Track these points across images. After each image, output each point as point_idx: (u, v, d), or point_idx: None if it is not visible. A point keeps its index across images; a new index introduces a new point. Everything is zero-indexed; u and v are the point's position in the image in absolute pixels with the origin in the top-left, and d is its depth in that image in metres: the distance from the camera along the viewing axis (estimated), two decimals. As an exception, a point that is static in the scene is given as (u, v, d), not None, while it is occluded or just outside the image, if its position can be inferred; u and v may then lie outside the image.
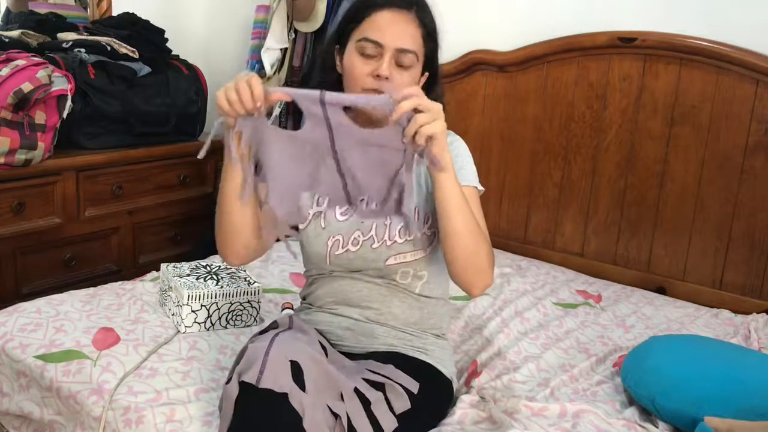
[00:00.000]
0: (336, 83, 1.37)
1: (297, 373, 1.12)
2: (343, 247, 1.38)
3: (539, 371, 1.62)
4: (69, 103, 2.17)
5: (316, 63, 1.43)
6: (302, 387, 1.11)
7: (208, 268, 1.76)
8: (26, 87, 2.01)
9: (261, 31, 2.87)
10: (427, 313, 1.43)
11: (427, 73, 1.38)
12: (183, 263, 1.78)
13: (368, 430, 1.17)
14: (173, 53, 2.68)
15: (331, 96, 1.13)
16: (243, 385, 1.11)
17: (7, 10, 2.71)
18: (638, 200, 2.25)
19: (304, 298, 1.52)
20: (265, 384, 1.10)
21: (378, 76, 1.28)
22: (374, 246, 1.36)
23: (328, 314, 1.43)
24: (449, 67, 2.51)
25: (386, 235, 1.36)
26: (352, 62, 1.32)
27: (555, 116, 2.37)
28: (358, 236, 1.37)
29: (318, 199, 1.43)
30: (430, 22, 1.34)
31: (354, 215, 1.38)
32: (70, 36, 2.43)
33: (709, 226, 2.14)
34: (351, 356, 1.35)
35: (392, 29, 1.30)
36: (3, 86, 2.01)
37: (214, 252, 2.12)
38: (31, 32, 2.47)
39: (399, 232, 1.36)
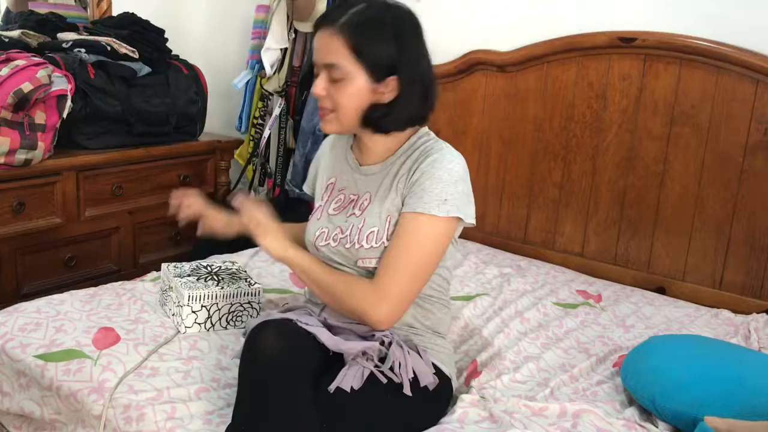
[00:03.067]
0: None
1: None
2: (325, 240, 1.45)
3: (539, 371, 1.62)
4: (69, 103, 2.17)
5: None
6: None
7: (209, 268, 1.76)
8: (26, 87, 2.01)
9: (261, 31, 2.87)
10: (420, 313, 1.43)
11: (393, 77, 1.35)
12: (183, 263, 1.78)
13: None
14: (173, 53, 2.68)
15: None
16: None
17: (7, 10, 2.71)
18: (638, 200, 2.25)
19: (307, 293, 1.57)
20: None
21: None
22: (347, 246, 1.41)
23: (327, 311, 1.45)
24: (449, 67, 2.51)
25: (356, 238, 1.39)
26: None
27: (555, 116, 2.37)
28: (338, 234, 1.43)
29: (322, 194, 1.52)
30: (362, 28, 1.32)
31: (342, 212, 1.44)
32: (70, 36, 2.43)
33: (709, 226, 2.14)
34: None
35: (318, 48, 1.36)
36: (3, 86, 2.01)
37: (214, 252, 2.14)
38: (31, 32, 2.47)
39: (366, 237, 1.38)
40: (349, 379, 1.24)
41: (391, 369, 1.29)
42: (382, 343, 1.31)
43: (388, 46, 1.34)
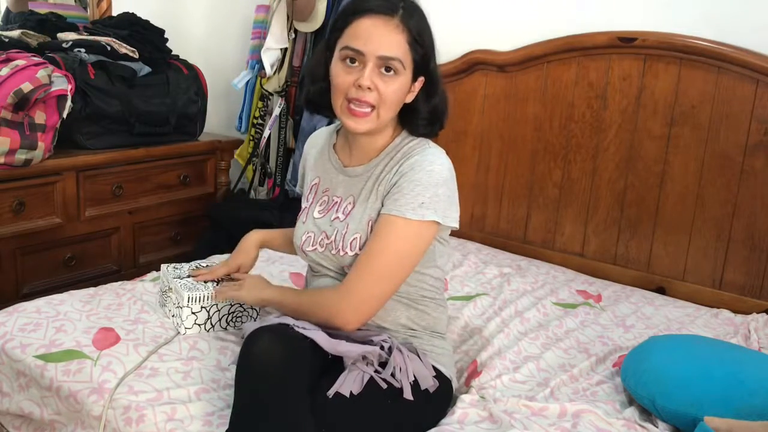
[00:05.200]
0: (325, 92, 1.37)
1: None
2: (312, 245, 1.43)
3: (539, 371, 1.62)
4: (69, 103, 2.16)
5: (306, 73, 1.46)
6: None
7: (208, 268, 1.76)
8: (26, 87, 2.01)
9: (261, 31, 2.87)
10: (416, 314, 1.42)
11: (422, 78, 1.36)
12: (183, 264, 1.78)
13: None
14: (173, 53, 2.68)
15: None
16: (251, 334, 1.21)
17: (7, 10, 2.71)
18: (638, 200, 2.25)
19: None
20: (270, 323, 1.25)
21: (360, 86, 1.29)
22: (333, 252, 1.39)
23: None
24: (449, 67, 2.51)
25: (341, 245, 1.37)
26: (336, 71, 1.33)
27: (555, 116, 2.37)
28: (323, 239, 1.41)
29: (307, 195, 1.50)
30: (417, 26, 1.31)
31: (326, 215, 1.42)
32: (70, 36, 2.43)
33: (709, 226, 2.14)
34: None
35: (373, 36, 1.28)
36: (3, 86, 2.01)
37: (214, 252, 2.14)
38: (31, 32, 2.47)
39: (350, 244, 1.36)
40: (348, 384, 1.23)
41: (393, 375, 1.28)
42: (382, 347, 1.30)
43: (431, 46, 1.34)
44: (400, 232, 1.30)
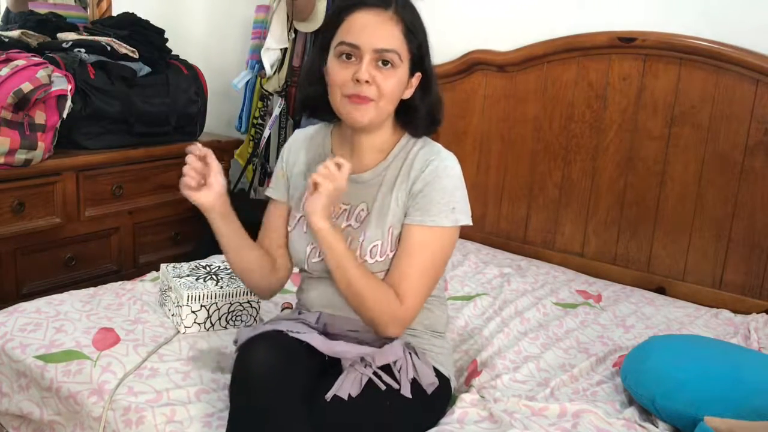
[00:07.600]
0: (322, 95, 1.35)
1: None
2: (319, 256, 1.38)
3: (539, 371, 1.62)
4: (69, 103, 2.17)
5: (302, 76, 1.41)
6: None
7: (208, 268, 1.76)
8: (26, 87, 2.01)
9: (261, 31, 2.87)
10: (421, 313, 1.40)
11: (419, 74, 1.34)
12: (182, 263, 1.78)
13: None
14: (173, 53, 2.68)
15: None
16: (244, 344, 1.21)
17: (7, 10, 2.71)
18: (638, 200, 2.25)
19: (299, 300, 1.53)
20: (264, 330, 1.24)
21: (358, 80, 1.26)
22: None
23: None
24: (449, 67, 2.50)
25: (359, 252, 1.34)
26: (333, 68, 1.30)
27: (555, 116, 2.37)
28: None
29: (303, 203, 1.43)
30: (411, 18, 1.30)
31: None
32: (70, 36, 2.43)
33: (709, 226, 2.14)
34: None
35: (369, 29, 1.27)
36: (3, 86, 2.01)
37: (214, 252, 2.13)
38: (31, 32, 2.47)
39: (370, 252, 1.34)
40: (347, 386, 1.22)
41: (391, 374, 1.27)
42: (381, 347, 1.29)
43: (425, 40, 1.33)
44: (439, 243, 1.32)
